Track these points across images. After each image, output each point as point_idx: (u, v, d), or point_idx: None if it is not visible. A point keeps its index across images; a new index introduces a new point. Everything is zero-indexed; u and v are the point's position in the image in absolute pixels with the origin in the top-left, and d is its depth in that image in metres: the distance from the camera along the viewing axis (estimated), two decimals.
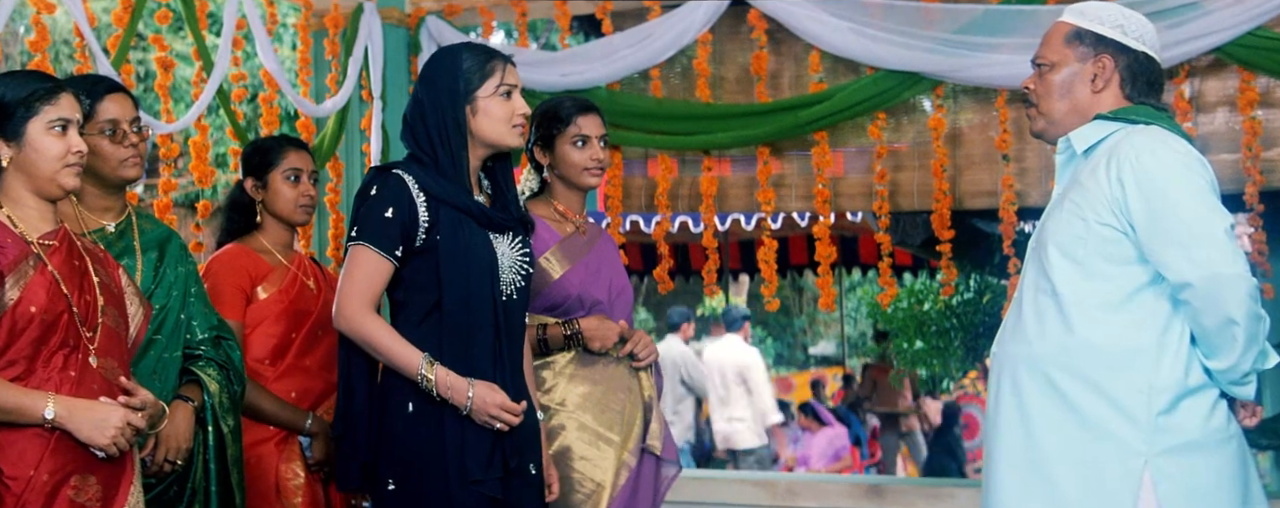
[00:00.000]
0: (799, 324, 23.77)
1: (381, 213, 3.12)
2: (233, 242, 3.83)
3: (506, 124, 3.20)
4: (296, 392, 3.71)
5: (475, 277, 3.16)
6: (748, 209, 6.28)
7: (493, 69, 3.20)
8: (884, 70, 5.32)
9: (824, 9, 5.38)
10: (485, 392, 3.08)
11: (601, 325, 3.60)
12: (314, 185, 3.91)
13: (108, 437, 2.69)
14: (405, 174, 3.16)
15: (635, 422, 3.66)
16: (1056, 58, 3.07)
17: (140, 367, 3.13)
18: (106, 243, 3.19)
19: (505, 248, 3.24)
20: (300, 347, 3.75)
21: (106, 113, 3.21)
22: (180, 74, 8.10)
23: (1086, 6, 3.12)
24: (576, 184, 3.70)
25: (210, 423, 3.26)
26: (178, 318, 3.25)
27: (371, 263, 3.12)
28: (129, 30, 4.54)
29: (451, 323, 3.15)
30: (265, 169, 3.83)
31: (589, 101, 3.79)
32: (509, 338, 3.22)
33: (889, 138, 5.47)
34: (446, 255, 3.15)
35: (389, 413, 3.15)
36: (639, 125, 5.77)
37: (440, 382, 3.06)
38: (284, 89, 5.25)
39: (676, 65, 5.77)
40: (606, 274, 3.74)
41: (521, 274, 3.26)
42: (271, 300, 3.73)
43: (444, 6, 5.97)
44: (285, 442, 3.68)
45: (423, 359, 3.08)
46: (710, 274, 5.82)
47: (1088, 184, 2.95)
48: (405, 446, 3.14)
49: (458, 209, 3.17)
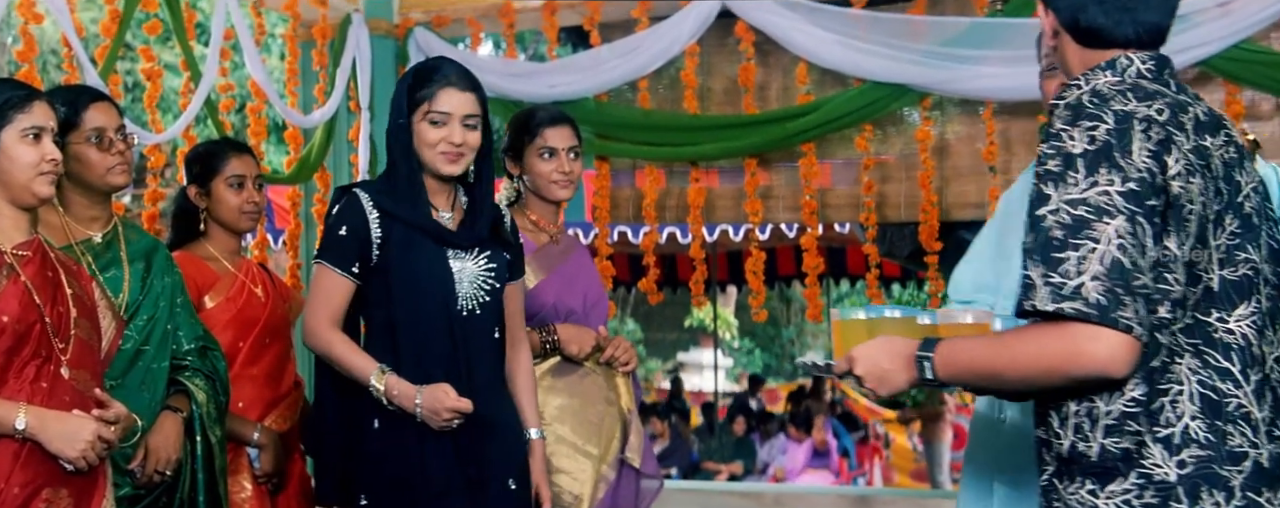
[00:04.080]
0: (787, 335, 23.83)
1: (337, 231, 3.17)
2: (180, 249, 3.75)
3: (433, 150, 3.16)
4: (244, 401, 3.65)
5: (425, 293, 3.16)
6: (735, 220, 6.29)
7: (424, 94, 3.16)
8: (871, 82, 5.33)
9: (811, 21, 5.40)
10: (433, 393, 3.07)
11: (579, 332, 3.59)
12: (260, 191, 3.84)
13: (77, 450, 2.65)
14: (362, 192, 3.20)
15: (614, 434, 3.64)
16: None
17: (128, 378, 3.12)
18: (93, 253, 3.18)
19: (467, 263, 3.21)
20: (248, 356, 3.70)
21: (92, 121, 3.20)
22: (168, 84, 8.08)
23: None
24: (545, 196, 3.66)
25: (198, 433, 3.25)
26: (165, 328, 3.24)
27: (330, 280, 3.17)
28: (117, 41, 4.54)
29: (406, 339, 3.16)
30: (208, 176, 3.76)
31: (560, 113, 3.76)
32: (468, 353, 3.20)
33: (876, 149, 5.49)
34: (397, 272, 3.16)
35: (358, 430, 3.17)
36: (627, 136, 5.79)
37: (390, 390, 3.08)
38: (271, 99, 5.25)
39: (664, 77, 5.79)
40: (581, 285, 3.72)
41: (486, 289, 3.23)
42: (218, 309, 3.67)
43: (432, 18, 5.98)
44: (232, 453, 3.59)
45: (375, 370, 3.10)
46: (698, 285, 5.83)
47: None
48: (374, 462, 3.16)
49: (410, 225, 3.17)
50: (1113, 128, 1.98)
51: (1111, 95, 2.04)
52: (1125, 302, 1.89)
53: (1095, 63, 2.17)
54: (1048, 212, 1.96)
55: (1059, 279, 1.91)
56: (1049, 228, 1.95)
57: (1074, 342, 1.91)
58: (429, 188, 3.22)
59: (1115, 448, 2.00)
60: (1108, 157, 1.95)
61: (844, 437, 12.00)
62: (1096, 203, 1.93)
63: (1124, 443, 1.99)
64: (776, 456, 11.44)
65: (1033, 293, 1.94)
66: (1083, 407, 2.02)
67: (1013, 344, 2.02)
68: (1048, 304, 1.91)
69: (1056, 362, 1.94)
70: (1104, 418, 2.00)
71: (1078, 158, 1.97)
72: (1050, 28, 2.23)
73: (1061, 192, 1.96)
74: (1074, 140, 1.99)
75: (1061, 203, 1.95)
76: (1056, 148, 2.00)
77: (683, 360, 22.84)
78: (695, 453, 12.20)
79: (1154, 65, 2.15)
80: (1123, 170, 1.94)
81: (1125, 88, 2.06)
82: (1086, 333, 1.90)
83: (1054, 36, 2.23)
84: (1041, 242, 1.95)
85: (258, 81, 5.21)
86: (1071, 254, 1.91)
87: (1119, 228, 1.91)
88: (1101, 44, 2.17)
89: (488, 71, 5.74)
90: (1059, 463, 2.07)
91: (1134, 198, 1.93)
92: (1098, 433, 2.01)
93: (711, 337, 10.99)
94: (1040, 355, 1.96)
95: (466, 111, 3.17)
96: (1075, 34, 2.19)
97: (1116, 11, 2.14)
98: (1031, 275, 1.95)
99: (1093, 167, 1.95)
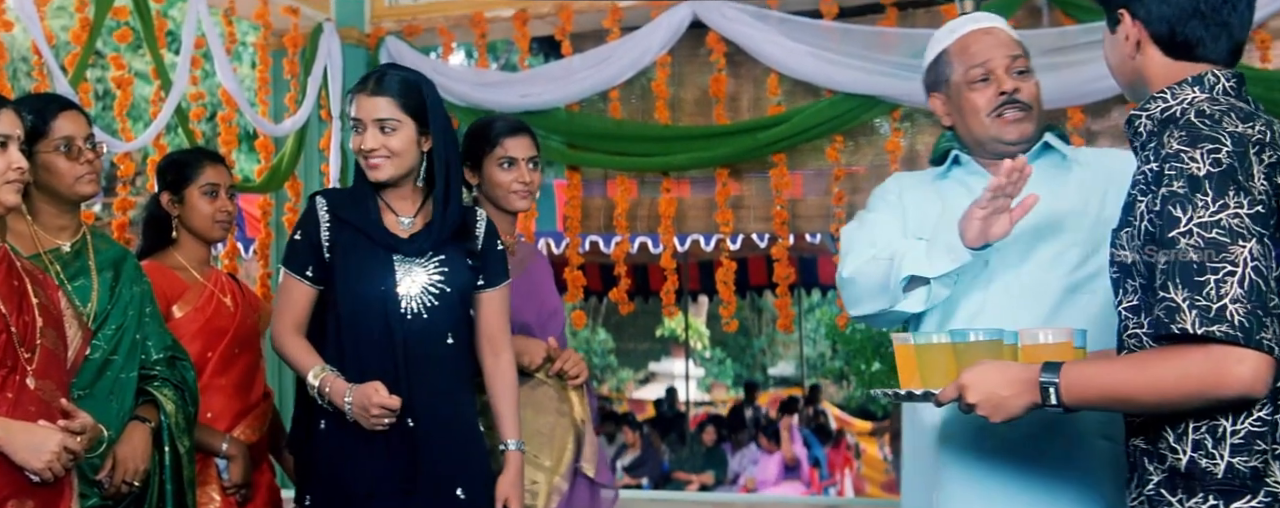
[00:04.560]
0: (758, 345, 23.81)
1: (294, 237, 3.28)
2: (149, 258, 3.73)
3: (361, 156, 3.24)
4: (212, 412, 3.63)
5: (364, 296, 3.19)
6: (707, 230, 6.30)
7: (350, 100, 3.26)
8: (842, 93, 5.36)
9: (783, 32, 5.42)
10: (362, 391, 3.09)
11: (528, 344, 3.57)
12: (232, 201, 3.83)
13: (43, 461, 2.63)
14: (321, 198, 3.29)
15: (566, 445, 3.61)
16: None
17: (97, 388, 3.09)
18: (62, 262, 3.17)
19: (415, 268, 3.22)
20: (217, 366, 3.68)
21: (61, 130, 3.19)
22: (139, 92, 8.05)
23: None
24: (503, 205, 3.62)
25: (166, 444, 3.23)
26: (134, 338, 3.22)
27: (289, 286, 3.27)
28: (87, 48, 4.53)
29: (348, 341, 3.21)
30: (182, 183, 3.75)
31: (519, 122, 3.74)
32: (410, 358, 3.20)
33: (847, 160, 5.52)
34: (339, 274, 3.22)
35: (310, 431, 3.24)
36: (598, 146, 5.80)
37: (323, 386, 3.14)
38: (243, 108, 5.24)
39: (635, 87, 5.80)
40: (536, 297, 3.70)
41: (434, 294, 3.23)
42: (187, 319, 3.65)
43: (404, 27, 5.99)
44: (200, 464, 3.55)
45: (315, 367, 3.16)
46: (669, 295, 5.84)
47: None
48: (319, 462, 3.23)
49: (356, 229, 3.22)
50: (1232, 150, 2.00)
51: (1219, 116, 2.06)
52: (1266, 323, 1.92)
53: (1180, 77, 2.18)
54: (1180, 234, 1.97)
55: (1204, 302, 1.93)
56: (1185, 250, 1.96)
57: (1220, 365, 1.93)
58: (393, 194, 3.26)
59: (1244, 466, 2.01)
60: (1233, 179, 1.98)
61: (815, 447, 12.01)
62: (1229, 225, 1.95)
63: (1253, 462, 2.02)
64: (747, 466, 11.45)
65: (1180, 316, 1.95)
66: (1203, 423, 2.04)
67: (1150, 368, 2.02)
68: (1198, 328, 1.93)
69: (1201, 385, 1.96)
70: (1231, 437, 2.02)
71: (1203, 180, 1.98)
72: (1133, 38, 2.22)
73: (1191, 214, 1.97)
74: (1198, 162, 2.00)
75: (1193, 225, 1.96)
76: (1178, 169, 2.01)
77: (654, 370, 22.81)
78: (666, 463, 12.19)
79: (1235, 83, 2.18)
80: (1250, 193, 1.97)
81: (1225, 108, 2.09)
82: (1234, 356, 1.92)
83: (1135, 48, 2.22)
84: (1180, 265, 1.96)
85: (229, 90, 5.20)
86: (1211, 278, 1.93)
87: (1253, 250, 1.94)
88: (1191, 58, 2.18)
89: (459, 81, 5.77)
90: (1172, 476, 2.08)
91: (1260, 220, 1.97)
92: (1224, 450, 2.02)
93: (683, 347, 10.96)
94: (1183, 379, 1.97)
95: (376, 116, 3.20)
96: (1168, 46, 2.19)
97: (1216, 27, 2.16)
98: (1175, 299, 1.95)
99: (1221, 189, 1.97)
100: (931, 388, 2.34)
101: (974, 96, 2.80)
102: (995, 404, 2.19)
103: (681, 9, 5.57)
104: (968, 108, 2.81)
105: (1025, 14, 5.22)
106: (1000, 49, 2.81)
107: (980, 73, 2.79)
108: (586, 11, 5.80)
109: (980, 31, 2.85)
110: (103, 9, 4.56)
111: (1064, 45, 4.98)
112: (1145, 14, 2.19)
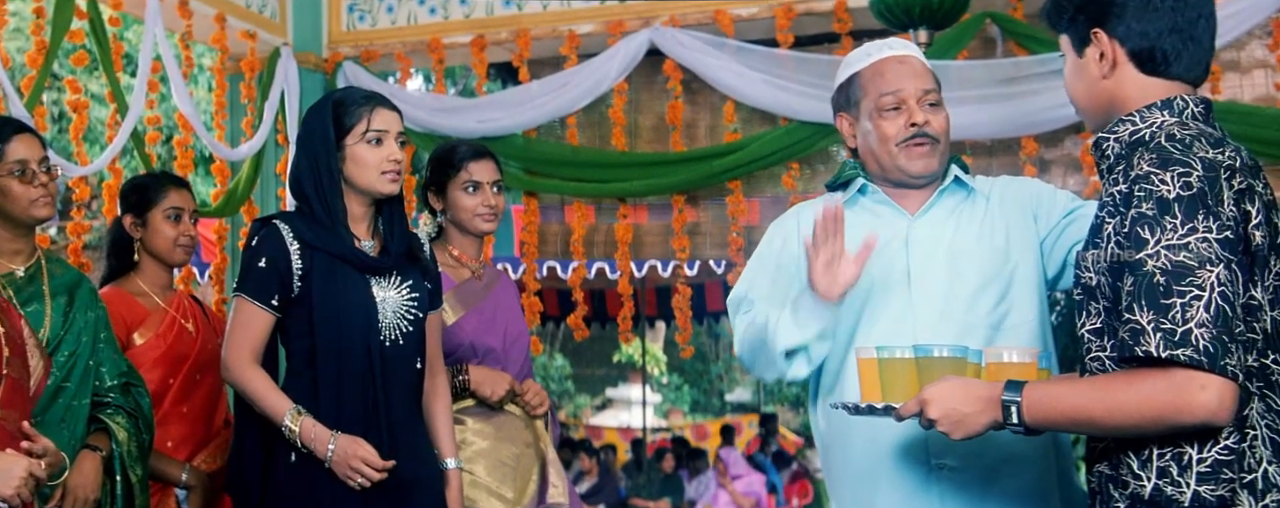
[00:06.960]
0: (715, 371, 23.84)
1: (257, 263, 3.14)
2: (110, 283, 3.73)
3: (376, 171, 3.17)
4: (173, 441, 3.62)
5: (347, 322, 3.14)
6: (664, 256, 6.33)
7: (359, 116, 3.18)
8: (798, 121, 5.40)
9: (739, 60, 5.46)
10: (347, 445, 3.04)
11: (491, 375, 3.57)
12: (194, 226, 3.82)
13: (11, 488, 2.61)
14: (282, 224, 3.17)
15: (531, 476, 3.62)
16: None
17: (48, 415, 3.07)
18: (15, 287, 3.15)
19: (390, 292, 3.20)
20: (178, 393, 3.67)
21: (15, 153, 3.18)
22: (94, 116, 8.01)
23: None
24: (469, 229, 3.66)
25: (118, 473, 3.19)
26: (87, 365, 3.20)
27: (248, 313, 3.14)
28: (43, 71, 4.51)
29: (325, 369, 3.13)
30: (145, 206, 3.75)
31: (483, 147, 3.77)
32: (388, 385, 3.17)
33: (803, 187, 5.55)
34: (319, 302, 3.14)
35: (275, 463, 3.14)
36: (555, 172, 5.81)
37: (304, 433, 3.05)
38: (199, 132, 5.22)
39: (593, 113, 5.83)
40: (501, 321, 3.70)
41: (408, 319, 3.22)
42: (148, 346, 3.65)
43: (361, 52, 5.99)
44: (159, 495, 3.55)
45: (290, 410, 3.06)
46: (626, 321, 5.85)
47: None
48: (286, 496, 3.13)
49: (332, 256, 3.15)
50: (1202, 175, 1.99)
51: (1190, 141, 2.05)
52: (1231, 349, 1.90)
53: (1154, 96, 2.18)
54: (1147, 255, 1.96)
55: (1170, 325, 1.91)
56: (1151, 273, 1.95)
57: (1183, 390, 1.91)
58: (351, 216, 3.21)
59: (1211, 495, 1.99)
60: (1203, 203, 1.96)
61: (772, 472, 12.02)
62: (1197, 249, 1.93)
63: (1220, 490, 1.99)
64: (704, 492, 11.45)
65: (1144, 338, 1.93)
66: (1168, 450, 2.02)
67: (1113, 391, 2.00)
68: (1163, 351, 1.91)
69: (1162, 410, 1.94)
70: (1197, 465, 2.00)
71: (1173, 203, 1.97)
72: (1109, 57, 2.21)
73: (1160, 236, 1.96)
74: (1168, 185, 1.99)
75: (1161, 248, 1.95)
76: (1147, 190, 2.00)
77: (611, 396, 22.79)
78: (623, 490, 12.17)
79: (1203, 108, 2.18)
80: (1219, 218, 1.96)
81: (1195, 133, 2.08)
82: (1197, 381, 1.91)
83: (1110, 67, 2.21)
84: (1147, 286, 1.95)
85: (185, 114, 5.19)
86: (1177, 301, 1.92)
87: (1221, 275, 1.92)
88: (1167, 75, 2.18)
89: (417, 106, 5.78)
90: (1135, 503, 2.06)
91: (1229, 245, 1.95)
92: (1190, 479, 2.00)
93: (640, 372, 10.95)
94: (1145, 402, 1.95)
95: (398, 129, 3.21)
96: (1145, 63, 2.19)
97: (1191, 42, 2.17)
98: (1140, 321, 1.94)
99: (1190, 212, 1.96)
100: (893, 402, 2.33)
101: (884, 124, 2.79)
102: (956, 421, 2.18)
103: (639, 36, 5.60)
104: (876, 135, 2.80)
105: (979, 44, 5.27)
106: (914, 79, 2.79)
107: (892, 101, 2.78)
108: (544, 38, 5.82)
109: (895, 59, 2.83)
110: (59, 32, 4.55)
111: (1018, 76, 5.04)
112: (1124, 30, 2.19)
